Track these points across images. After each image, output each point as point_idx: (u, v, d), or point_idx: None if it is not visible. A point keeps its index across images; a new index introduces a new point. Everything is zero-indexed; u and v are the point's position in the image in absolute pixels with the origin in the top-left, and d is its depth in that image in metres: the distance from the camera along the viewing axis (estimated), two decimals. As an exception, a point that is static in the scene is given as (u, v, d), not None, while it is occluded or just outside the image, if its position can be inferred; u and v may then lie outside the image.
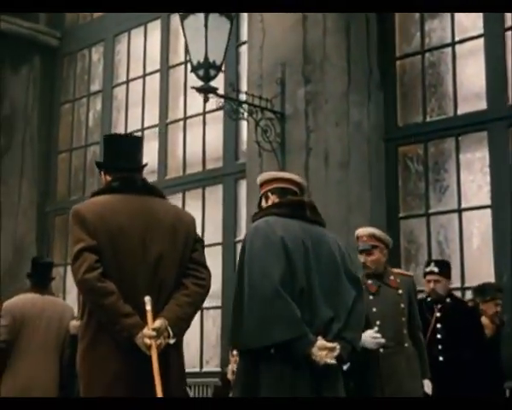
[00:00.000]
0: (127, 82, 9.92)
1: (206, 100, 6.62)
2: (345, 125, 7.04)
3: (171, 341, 3.55)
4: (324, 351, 3.66)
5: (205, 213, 8.82)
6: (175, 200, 8.98)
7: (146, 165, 3.95)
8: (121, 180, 3.73)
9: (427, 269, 5.94)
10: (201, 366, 8.41)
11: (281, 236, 3.77)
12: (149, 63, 9.70)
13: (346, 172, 6.99)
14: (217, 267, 8.50)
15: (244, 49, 7.80)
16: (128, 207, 3.64)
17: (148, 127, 9.56)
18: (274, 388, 3.65)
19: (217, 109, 7.53)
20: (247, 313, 3.72)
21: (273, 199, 4.09)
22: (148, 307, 3.50)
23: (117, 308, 3.47)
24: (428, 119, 7.18)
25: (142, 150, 3.94)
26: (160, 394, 3.41)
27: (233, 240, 8.47)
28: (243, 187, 8.53)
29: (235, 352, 7.90)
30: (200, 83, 6.66)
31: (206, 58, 6.50)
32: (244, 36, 8.08)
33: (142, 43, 9.77)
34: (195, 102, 9.11)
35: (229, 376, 7.82)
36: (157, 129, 9.43)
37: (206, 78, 6.53)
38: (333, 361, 3.66)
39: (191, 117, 9.12)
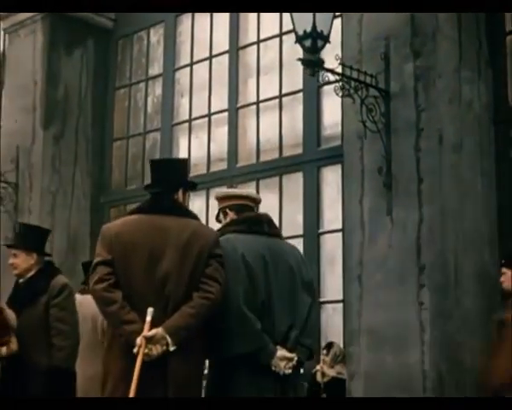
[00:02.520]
0: (191, 65, 9.31)
1: (312, 74, 5.99)
2: (457, 103, 6.41)
3: (171, 348, 3.89)
4: (283, 361, 4.14)
5: (282, 203, 8.22)
6: (248, 188, 8.40)
7: (181, 185, 4.27)
8: (147, 202, 4.30)
9: None
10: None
11: (241, 253, 4.17)
12: (216, 45, 9.10)
13: (460, 156, 6.37)
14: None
15: (337, 23, 7.13)
16: (144, 226, 4.07)
17: (216, 112, 8.95)
18: (242, 394, 4.06)
19: (324, 84, 6.89)
20: (216, 327, 4.10)
21: (231, 216, 4.42)
22: (148, 318, 3.88)
23: (119, 316, 3.91)
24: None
25: (179, 172, 4.31)
26: (132, 394, 3.76)
27: (316, 232, 7.86)
28: (326, 175, 7.95)
29: (324, 351, 7.31)
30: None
31: (313, 27, 5.86)
32: (338, 8, 7.43)
33: (208, 24, 9.15)
34: (268, 84, 8.57)
35: (319, 378, 7.24)
36: (226, 114, 8.81)
37: (314, 49, 5.90)
38: (290, 371, 4.15)
39: (266, 100, 8.51)
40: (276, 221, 8.12)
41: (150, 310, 3.89)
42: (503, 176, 6.60)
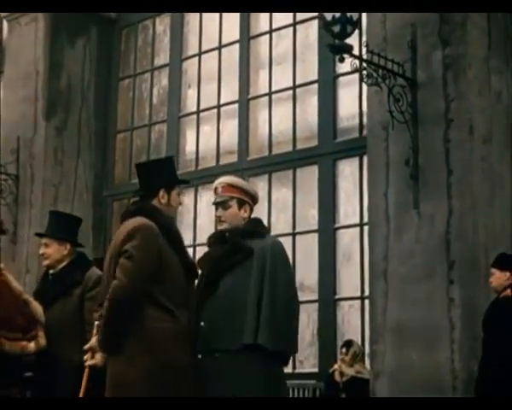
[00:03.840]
0: (199, 55, 9.05)
1: (341, 60, 5.75)
2: (486, 94, 6.21)
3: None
4: None
5: (295, 197, 7.98)
6: (259, 182, 8.19)
7: (160, 186, 4.22)
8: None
9: None
10: (294, 367, 7.53)
11: None
12: (225, 34, 8.85)
13: (490, 149, 6.16)
14: (311, 256, 7.69)
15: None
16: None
17: (226, 104, 8.70)
18: None
19: (348, 73, 6.67)
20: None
21: (248, 213, 4.44)
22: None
23: None
24: None
25: (159, 173, 4.24)
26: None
27: (332, 227, 7.63)
28: (342, 168, 7.73)
29: (343, 349, 7.10)
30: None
31: (343, 12, 5.63)
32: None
33: (218, 13, 8.88)
34: (281, 75, 8.35)
35: (338, 378, 7.02)
36: (236, 106, 8.56)
37: (343, 34, 5.67)
38: None
39: (279, 92, 8.27)
40: (289, 216, 8.02)
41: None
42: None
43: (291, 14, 8.22)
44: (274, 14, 8.38)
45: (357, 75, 6.87)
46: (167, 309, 3.98)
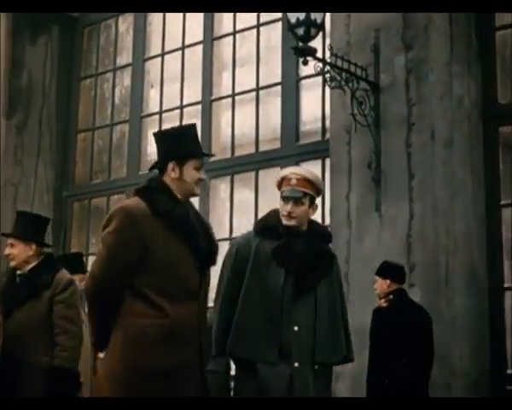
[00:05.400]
0: (162, 55, 9.00)
1: (305, 63, 5.77)
2: (448, 98, 6.26)
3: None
4: None
5: (258, 199, 7.97)
6: (221, 183, 8.18)
7: (169, 158, 3.72)
8: None
9: None
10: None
11: None
12: (189, 35, 8.81)
13: (451, 153, 6.21)
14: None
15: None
16: None
17: (188, 105, 8.67)
18: None
19: (311, 76, 6.67)
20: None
21: (313, 213, 4.13)
22: None
23: None
24: (537, 96, 6.44)
25: (171, 142, 3.75)
26: None
27: (294, 229, 7.62)
28: (305, 171, 7.72)
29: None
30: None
31: (307, 15, 5.64)
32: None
33: (181, 13, 8.84)
34: (244, 77, 8.33)
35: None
36: (199, 107, 8.54)
37: (307, 37, 5.68)
38: None
39: (242, 93, 8.26)
40: (251, 218, 8.00)
41: None
42: (491, 173, 6.46)
43: (254, 16, 8.21)
44: (237, 15, 8.37)
45: (319, 78, 6.91)
46: (152, 303, 3.52)
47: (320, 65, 5.91)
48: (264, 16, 8.13)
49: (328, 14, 6.74)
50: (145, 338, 3.47)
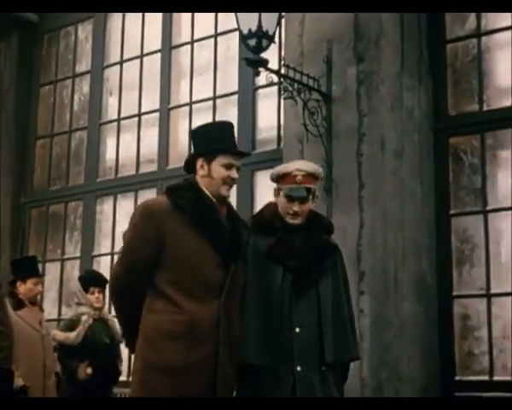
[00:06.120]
0: (121, 63, 9.05)
1: (257, 74, 5.85)
2: (398, 110, 6.37)
3: None
4: None
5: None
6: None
7: (197, 155, 3.74)
8: None
9: None
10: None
11: None
12: (147, 43, 8.86)
13: (401, 163, 6.32)
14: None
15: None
16: None
17: (147, 112, 8.71)
18: None
19: (267, 85, 6.73)
20: None
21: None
22: None
23: None
24: (485, 108, 6.57)
25: (201, 139, 3.72)
26: None
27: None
28: (261, 179, 7.81)
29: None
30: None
31: (259, 26, 5.72)
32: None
33: (140, 21, 8.92)
34: (202, 85, 8.40)
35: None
36: (157, 114, 8.59)
37: (258, 48, 5.76)
38: None
39: (199, 102, 8.32)
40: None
41: None
42: (441, 184, 6.59)
43: (212, 25, 8.29)
44: (196, 24, 8.44)
45: (275, 88, 6.99)
46: (171, 299, 3.48)
47: (272, 76, 5.97)
48: (223, 25, 8.20)
49: (282, 26, 6.88)
50: (161, 335, 3.44)
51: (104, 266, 8.37)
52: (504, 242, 6.40)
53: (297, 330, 3.73)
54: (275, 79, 6.11)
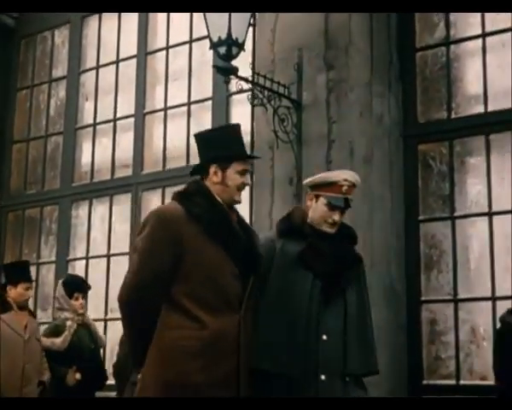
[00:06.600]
0: (97, 68, 9.09)
1: (227, 81, 5.91)
2: (367, 117, 6.45)
3: None
4: None
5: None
6: (152, 196, 8.28)
7: (194, 171, 3.64)
8: None
9: None
10: None
11: None
12: (123, 49, 8.91)
13: (370, 169, 6.39)
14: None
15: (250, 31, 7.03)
16: None
17: (122, 117, 8.76)
18: None
19: (236, 93, 6.81)
20: None
21: None
22: None
23: None
24: (454, 115, 6.66)
25: (210, 145, 3.57)
26: None
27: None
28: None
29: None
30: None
31: (229, 34, 5.78)
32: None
33: (116, 27, 8.97)
34: (177, 91, 8.46)
35: None
36: (132, 119, 8.63)
37: (228, 56, 5.82)
38: None
39: (174, 107, 8.37)
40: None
41: None
42: (410, 190, 6.66)
43: (187, 32, 8.35)
44: (171, 31, 8.50)
45: (248, 94, 7.04)
46: (189, 313, 3.27)
47: (242, 83, 6.04)
48: (197, 32, 8.25)
49: (255, 33, 6.95)
50: (179, 351, 3.23)
51: (79, 271, 8.41)
52: (472, 247, 6.49)
53: (324, 337, 3.66)
54: (246, 86, 6.16)
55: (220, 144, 3.52)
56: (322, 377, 3.60)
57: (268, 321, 3.59)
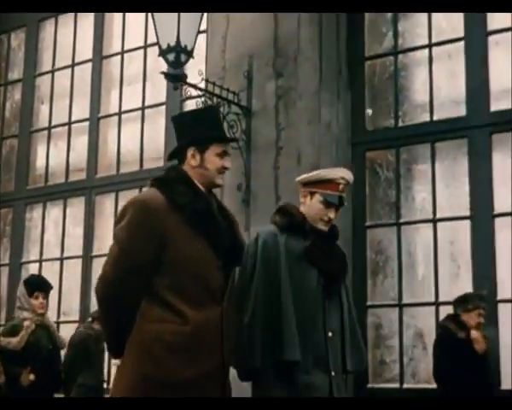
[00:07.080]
0: (53, 71, 9.12)
1: (175, 88, 5.99)
2: (316, 124, 6.56)
3: None
4: None
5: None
6: (106, 200, 8.33)
7: (171, 156, 3.50)
8: None
9: None
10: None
11: None
12: (79, 53, 8.94)
13: (318, 176, 6.48)
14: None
15: (202, 39, 7.13)
16: None
17: (77, 121, 8.79)
18: None
19: (186, 99, 6.88)
20: None
21: None
22: None
23: None
24: (401, 123, 6.80)
25: (188, 126, 3.40)
26: None
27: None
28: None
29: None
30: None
31: (177, 41, 5.87)
32: (203, 24, 7.44)
33: (72, 31, 9.00)
34: (131, 96, 8.51)
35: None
36: (87, 123, 8.67)
37: (177, 63, 5.90)
38: None
39: (128, 111, 8.42)
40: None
41: None
42: (358, 196, 6.78)
43: (142, 37, 8.40)
44: (126, 35, 8.55)
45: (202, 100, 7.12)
46: (171, 306, 3.14)
47: (191, 90, 6.12)
48: (153, 37, 8.27)
49: (204, 41, 7.03)
50: (161, 346, 3.11)
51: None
52: (416, 253, 6.62)
53: (329, 334, 3.72)
54: (195, 92, 6.24)
55: (198, 126, 3.36)
56: (333, 373, 3.70)
57: (286, 316, 3.61)
